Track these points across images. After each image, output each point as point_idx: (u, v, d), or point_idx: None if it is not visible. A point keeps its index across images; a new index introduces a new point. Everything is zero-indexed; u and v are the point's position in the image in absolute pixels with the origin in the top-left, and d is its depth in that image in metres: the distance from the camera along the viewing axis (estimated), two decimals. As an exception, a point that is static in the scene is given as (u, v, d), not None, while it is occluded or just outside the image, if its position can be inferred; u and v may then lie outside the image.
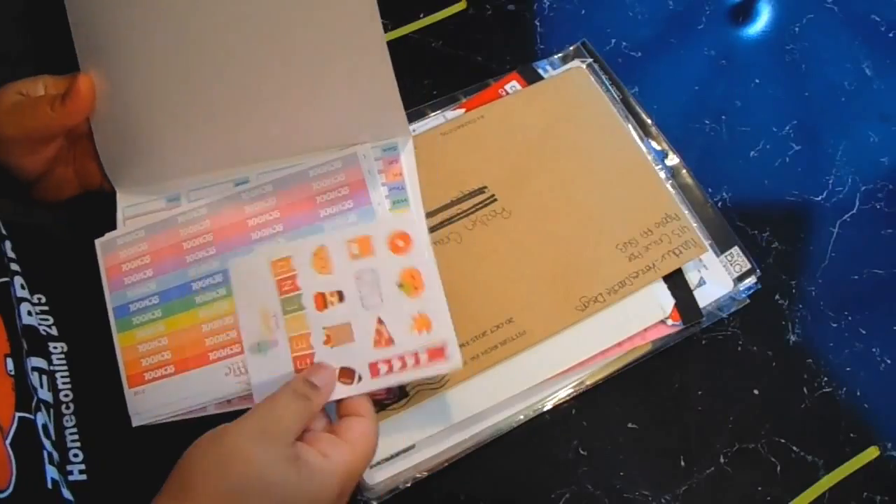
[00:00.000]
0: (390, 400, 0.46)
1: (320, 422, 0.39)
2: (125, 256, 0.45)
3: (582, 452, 0.48)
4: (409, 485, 0.46)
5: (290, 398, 0.38)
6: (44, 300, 0.48)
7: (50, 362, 0.45)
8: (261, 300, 0.41)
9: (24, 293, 0.46)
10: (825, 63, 0.63)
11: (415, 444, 0.46)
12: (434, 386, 0.46)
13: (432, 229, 0.51)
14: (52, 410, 0.43)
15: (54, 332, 0.47)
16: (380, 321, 0.39)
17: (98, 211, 0.49)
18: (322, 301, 0.40)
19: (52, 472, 0.39)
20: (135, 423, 0.43)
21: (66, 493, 0.40)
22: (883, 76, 0.62)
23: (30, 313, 0.45)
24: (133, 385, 0.43)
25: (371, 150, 0.44)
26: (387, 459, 0.46)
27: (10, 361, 0.40)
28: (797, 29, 0.64)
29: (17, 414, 0.39)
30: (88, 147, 0.47)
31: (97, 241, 0.46)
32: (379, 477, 0.46)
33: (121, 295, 0.44)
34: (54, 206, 0.50)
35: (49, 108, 0.44)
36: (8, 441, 0.37)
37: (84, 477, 0.43)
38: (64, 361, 0.46)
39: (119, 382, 0.44)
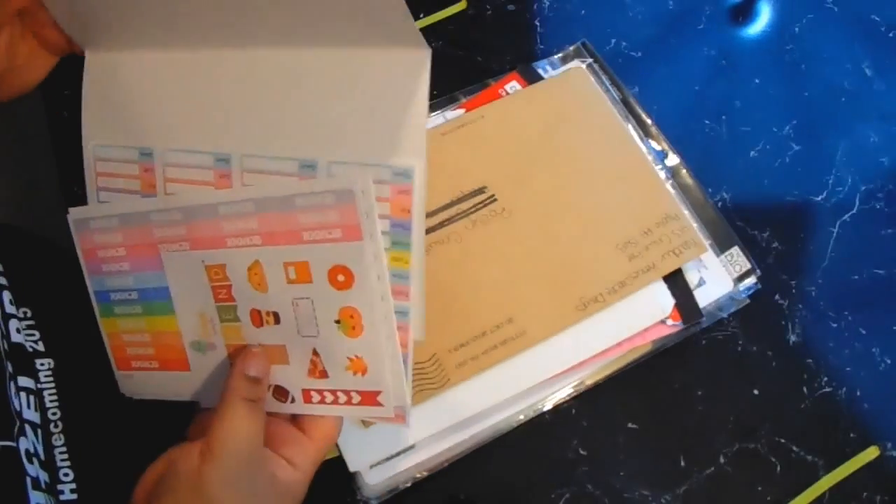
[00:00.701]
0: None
1: (273, 407, 0.38)
2: (101, 242, 0.42)
3: (582, 452, 0.49)
4: (409, 485, 0.46)
5: (245, 412, 0.36)
6: (29, 314, 0.46)
7: (37, 380, 0.44)
8: (197, 302, 0.40)
9: (12, 308, 0.44)
10: (825, 63, 0.63)
11: (415, 444, 0.46)
12: (434, 386, 0.46)
13: (432, 229, 0.51)
14: (39, 431, 0.42)
15: (41, 347, 0.45)
16: (315, 352, 0.37)
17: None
18: (259, 318, 0.38)
19: (36, 497, 0.38)
20: (133, 395, 0.43)
21: None
22: (883, 76, 0.62)
23: (18, 330, 0.44)
24: (121, 368, 0.43)
25: (372, 185, 0.35)
26: (387, 459, 0.46)
27: None
28: (797, 29, 0.64)
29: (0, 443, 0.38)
30: (43, 16, 0.40)
31: (70, 213, 0.42)
32: (379, 477, 0.46)
33: (100, 280, 0.43)
34: (42, 214, 0.48)
35: None
36: None
37: (75, 496, 0.42)
38: (51, 378, 0.45)
39: (107, 398, 0.43)
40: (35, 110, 0.59)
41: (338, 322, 0.36)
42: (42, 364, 0.45)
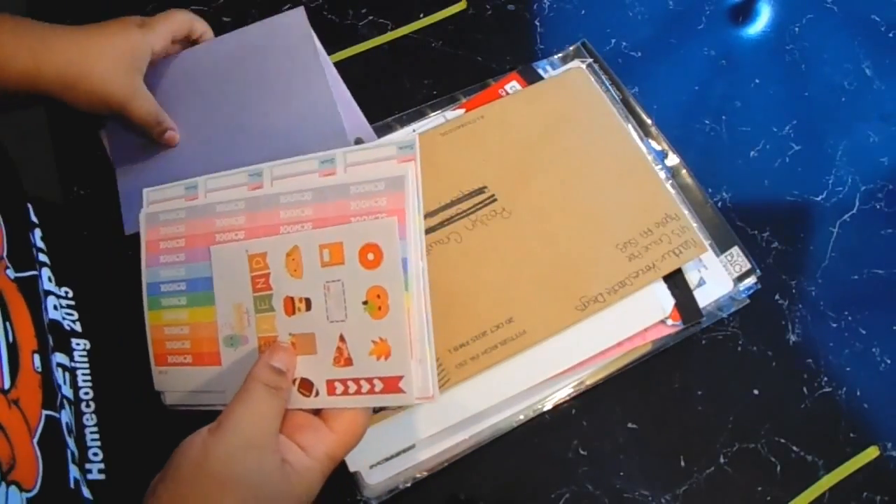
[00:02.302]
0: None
1: (297, 402, 0.38)
2: (164, 234, 0.45)
3: (582, 452, 0.48)
4: (409, 485, 0.46)
5: (263, 395, 0.36)
6: (70, 294, 0.48)
7: (72, 359, 0.45)
8: (236, 293, 0.41)
9: (51, 286, 0.46)
10: (825, 63, 0.63)
11: (415, 444, 0.46)
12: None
13: (432, 229, 0.51)
14: (72, 407, 0.44)
15: (78, 328, 0.47)
16: (341, 338, 0.38)
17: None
18: (291, 306, 0.40)
19: (74, 471, 0.39)
20: (165, 401, 0.44)
21: (86, 492, 0.40)
22: (883, 76, 0.62)
23: (55, 307, 0.46)
24: (159, 364, 0.44)
25: (419, 171, 0.39)
26: (387, 459, 0.46)
27: (37, 358, 0.40)
28: (797, 29, 0.64)
29: (44, 412, 0.39)
30: None
31: (142, 213, 0.45)
32: (379, 477, 0.46)
33: (154, 272, 0.44)
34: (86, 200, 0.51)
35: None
36: (35, 440, 0.37)
37: (103, 476, 0.43)
38: (86, 359, 0.46)
39: (138, 382, 0.44)
40: (35, 110, 0.59)
41: (365, 303, 0.38)
42: (78, 344, 0.47)
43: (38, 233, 0.47)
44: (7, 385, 0.37)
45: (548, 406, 0.49)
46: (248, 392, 0.36)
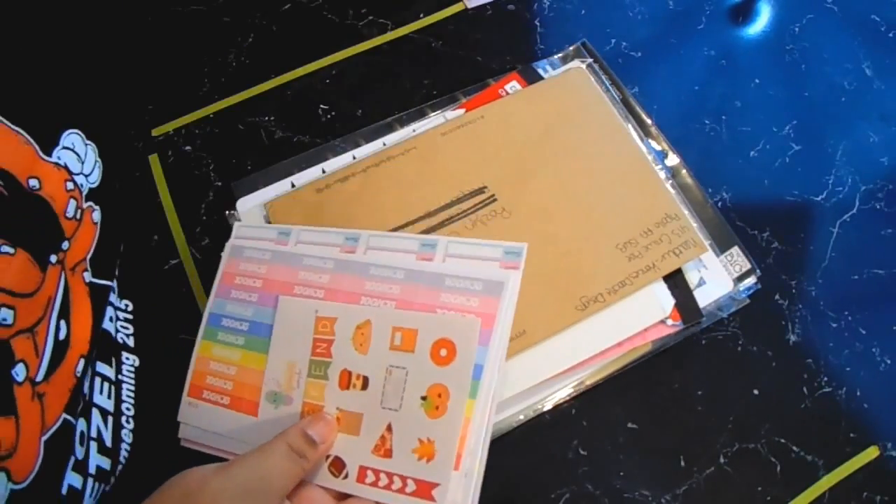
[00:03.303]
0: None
1: (323, 479, 0.36)
2: (244, 269, 0.44)
3: (582, 452, 0.48)
4: (409, 485, 0.46)
5: (283, 456, 0.35)
6: (130, 307, 0.48)
7: (119, 371, 0.45)
8: (294, 350, 0.40)
9: (113, 297, 0.46)
10: (825, 63, 0.63)
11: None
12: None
13: (432, 229, 0.51)
14: (110, 418, 0.43)
15: (131, 343, 0.47)
16: (389, 427, 0.36)
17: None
18: (347, 380, 0.38)
19: (72, 478, 0.39)
20: (181, 433, 0.42)
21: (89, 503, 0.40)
22: (883, 76, 0.62)
23: (111, 319, 0.45)
24: (192, 395, 0.43)
25: (518, 284, 0.38)
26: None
27: (81, 363, 0.40)
28: (797, 29, 0.64)
29: (64, 415, 0.38)
30: None
31: (228, 244, 0.45)
32: (379, 477, 0.45)
33: (221, 304, 0.43)
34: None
35: None
36: (44, 438, 0.36)
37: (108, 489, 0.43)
38: (133, 375, 0.46)
39: (177, 406, 0.43)
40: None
41: (424, 398, 0.36)
42: (127, 358, 0.46)
43: (121, 246, 0.47)
44: (40, 377, 0.37)
45: (548, 406, 0.49)
46: (270, 447, 0.35)
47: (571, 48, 0.61)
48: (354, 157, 0.56)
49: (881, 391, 0.50)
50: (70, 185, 0.42)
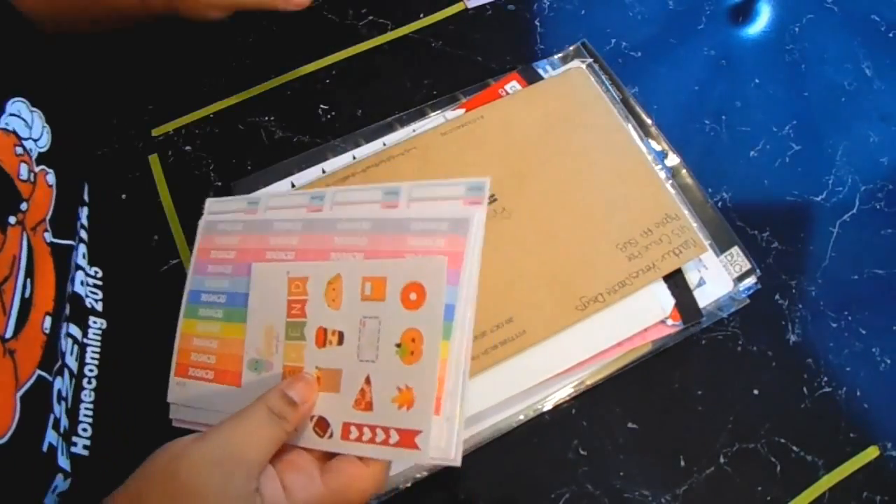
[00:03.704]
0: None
1: (309, 441, 0.36)
2: (218, 244, 0.44)
3: (582, 452, 0.48)
4: (408, 485, 0.46)
5: (261, 419, 0.34)
6: (100, 274, 0.49)
7: (85, 334, 0.46)
8: (270, 315, 0.40)
9: (83, 262, 0.48)
10: (825, 63, 0.63)
11: (415, 444, 0.46)
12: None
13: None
14: (73, 380, 0.44)
15: (99, 307, 0.48)
16: (367, 380, 0.36)
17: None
18: (323, 337, 0.38)
19: (52, 436, 0.39)
20: (172, 414, 0.42)
21: (63, 462, 0.41)
22: (883, 76, 0.62)
23: (82, 283, 0.47)
24: (178, 374, 0.42)
25: (484, 220, 0.38)
26: (387, 459, 0.46)
27: (48, 320, 0.41)
28: (797, 29, 0.64)
29: (38, 371, 0.39)
30: None
31: (201, 221, 0.45)
32: (379, 477, 0.45)
33: (199, 280, 0.43)
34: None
35: None
36: (20, 394, 0.37)
37: (86, 452, 0.43)
38: (99, 338, 0.47)
39: (143, 371, 0.44)
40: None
41: (398, 346, 0.35)
42: (95, 322, 0.48)
43: (85, 210, 0.49)
44: (9, 334, 0.37)
45: (548, 406, 0.49)
46: (249, 411, 0.35)
47: (571, 48, 0.61)
48: (354, 157, 0.56)
49: (881, 391, 0.50)
50: (19, 150, 0.43)
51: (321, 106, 0.60)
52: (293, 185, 0.54)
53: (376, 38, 0.63)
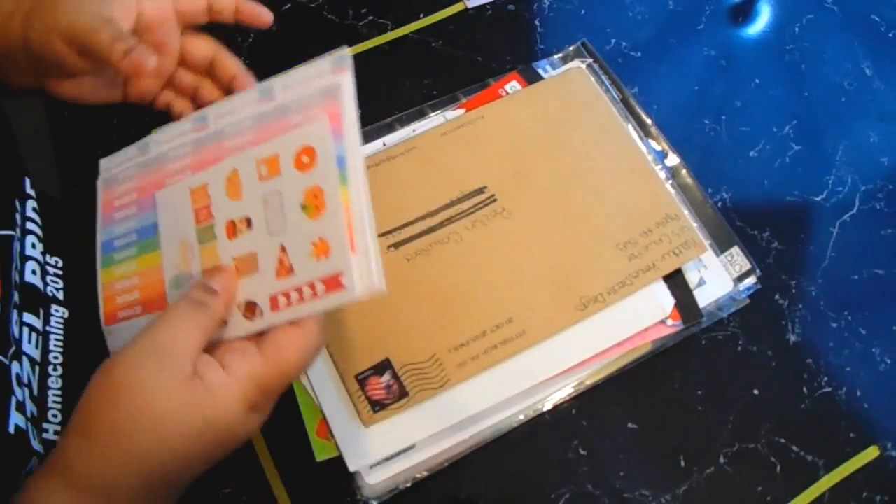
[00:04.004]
0: (390, 400, 0.46)
1: (240, 328, 0.36)
2: (119, 192, 0.44)
3: (582, 452, 0.48)
4: (409, 485, 0.46)
5: (185, 309, 0.35)
6: (60, 264, 0.49)
7: (46, 322, 0.46)
8: (181, 230, 0.40)
9: (35, 253, 0.47)
10: (825, 63, 0.63)
11: (415, 444, 0.46)
12: (434, 386, 0.46)
13: (432, 229, 0.51)
14: (37, 368, 0.44)
15: (60, 296, 0.48)
16: (283, 249, 0.37)
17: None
18: (233, 229, 0.39)
19: (17, 418, 0.39)
20: (112, 349, 0.43)
21: (37, 446, 0.41)
22: (883, 76, 0.62)
23: (34, 272, 0.46)
24: (108, 322, 0.43)
25: (353, 81, 0.39)
26: (387, 459, 0.46)
27: None
28: (797, 29, 0.64)
29: None
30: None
31: (99, 180, 0.45)
32: (379, 477, 0.46)
33: (109, 231, 0.44)
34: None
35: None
36: None
37: (57, 437, 0.43)
38: (62, 326, 0.47)
39: (108, 357, 0.44)
40: (35, 110, 0.59)
41: (304, 207, 0.37)
42: (57, 310, 0.47)
43: (30, 203, 0.48)
44: None
45: (548, 406, 0.49)
46: (172, 307, 0.35)
47: (571, 48, 0.61)
48: (354, 157, 0.56)
49: (881, 391, 0.50)
50: None
51: (321, 106, 0.60)
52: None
53: (376, 38, 0.63)
